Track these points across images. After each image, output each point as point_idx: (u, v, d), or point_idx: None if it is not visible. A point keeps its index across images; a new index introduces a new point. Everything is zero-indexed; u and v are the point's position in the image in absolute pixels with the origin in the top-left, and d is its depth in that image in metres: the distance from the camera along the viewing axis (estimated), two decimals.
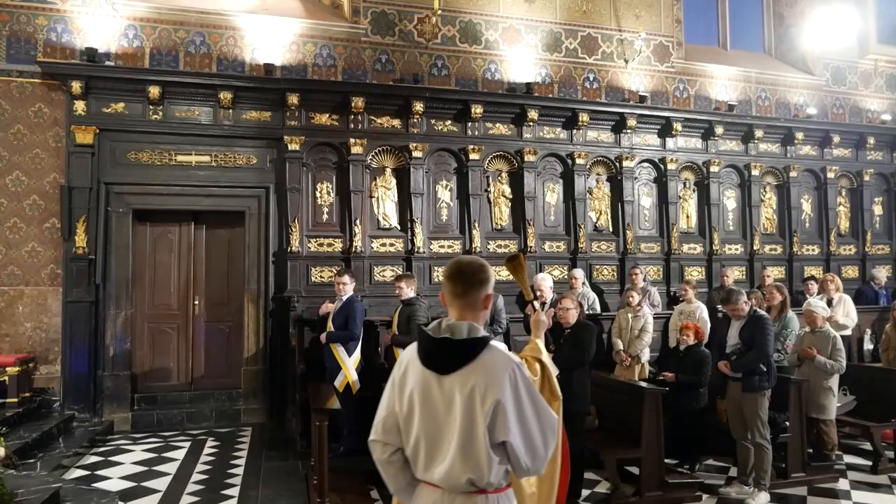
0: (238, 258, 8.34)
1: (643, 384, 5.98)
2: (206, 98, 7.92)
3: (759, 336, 5.35)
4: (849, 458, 6.55)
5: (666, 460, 5.57)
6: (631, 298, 7.36)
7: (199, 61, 8.15)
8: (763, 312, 5.70)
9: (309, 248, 8.28)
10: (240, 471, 6.06)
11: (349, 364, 6.26)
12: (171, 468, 6.12)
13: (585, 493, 5.47)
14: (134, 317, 7.91)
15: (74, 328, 7.46)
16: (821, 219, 10.91)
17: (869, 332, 8.89)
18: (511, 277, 3.59)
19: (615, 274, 9.51)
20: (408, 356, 2.19)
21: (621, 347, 7.22)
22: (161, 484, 5.67)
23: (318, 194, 8.40)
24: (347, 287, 6.51)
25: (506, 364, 2.06)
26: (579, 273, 8.36)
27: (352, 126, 8.42)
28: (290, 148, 8.13)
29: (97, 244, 7.59)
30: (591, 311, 8.02)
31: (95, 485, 5.58)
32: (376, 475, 2.24)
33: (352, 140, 8.33)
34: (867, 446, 6.56)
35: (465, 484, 2.03)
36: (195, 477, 5.87)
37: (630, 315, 7.30)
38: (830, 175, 10.84)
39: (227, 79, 7.94)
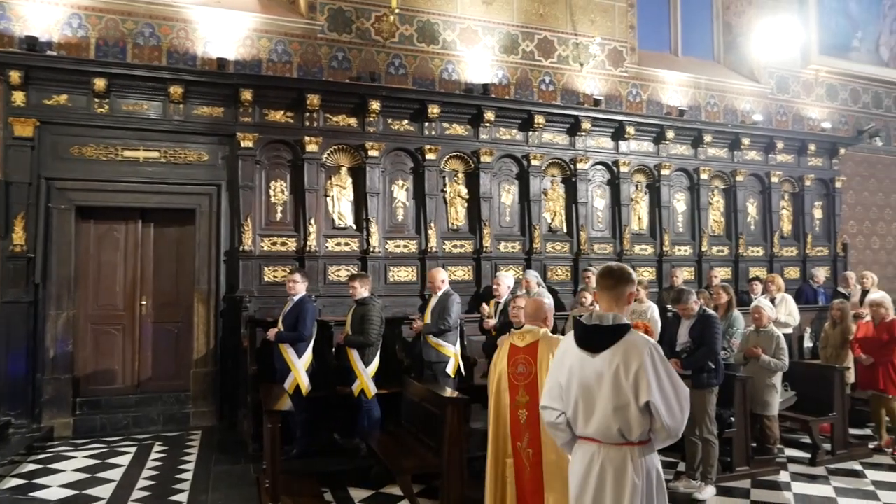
0: (188, 257, 8.12)
1: None
2: (156, 92, 7.69)
3: (708, 334, 5.51)
4: (790, 452, 6.80)
5: None
6: (584, 299, 7.46)
7: (149, 54, 7.91)
8: (712, 312, 5.87)
9: (262, 247, 8.13)
10: (188, 475, 5.90)
11: (299, 365, 6.17)
12: (115, 475, 5.91)
13: None
14: (76, 318, 7.62)
15: (11, 330, 7.12)
16: (765, 221, 11.26)
17: (809, 330, 9.22)
18: (466, 278, 3.69)
19: (569, 274, 9.62)
20: (567, 340, 2.90)
21: None
22: (104, 491, 5.47)
23: (271, 192, 8.26)
24: (298, 286, 6.41)
25: (644, 343, 2.70)
26: (532, 275, 8.42)
27: (307, 124, 8.30)
28: (243, 145, 7.96)
29: (37, 242, 7.27)
30: None
31: (33, 494, 5.37)
32: (330, 476, 2.26)
33: (307, 138, 8.21)
34: (806, 439, 6.82)
35: (617, 435, 2.67)
36: (141, 483, 5.69)
37: (583, 314, 7.37)
38: (774, 179, 11.20)
39: (177, 72, 7.72)
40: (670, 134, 10.23)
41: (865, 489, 5.68)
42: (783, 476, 6.08)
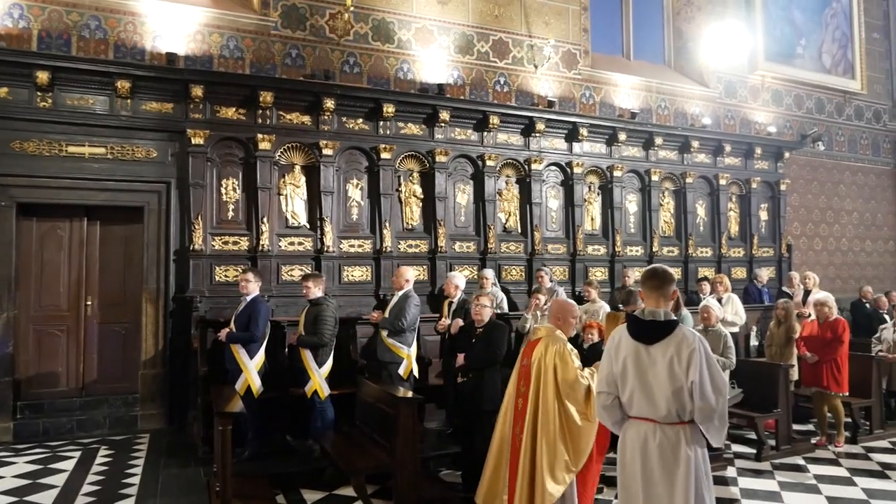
0: (136, 256, 7.92)
1: None
2: (102, 86, 7.47)
3: None
4: (736, 447, 6.99)
5: None
6: (537, 300, 7.53)
7: (95, 47, 7.68)
8: None
9: (213, 246, 7.97)
10: (136, 480, 5.75)
11: (250, 367, 6.08)
12: (58, 480, 5.73)
13: None
14: (17, 319, 7.34)
15: None
16: (714, 223, 11.56)
17: (755, 328, 9.50)
18: (421, 277, 3.69)
19: (523, 274, 9.71)
20: (618, 334, 3.29)
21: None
22: (47, 498, 5.29)
23: (223, 190, 8.11)
24: (251, 286, 6.32)
25: (693, 335, 3.13)
26: (489, 273, 8.49)
27: (260, 121, 8.18)
28: (193, 142, 7.79)
29: None
30: (499, 311, 8.15)
31: None
32: (282, 478, 2.24)
33: (260, 135, 8.09)
34: (752, 435, 7.02)
35: (673, 416, 3.08)
36: (85, 489, 5.52)
37: (538, 314, 7.46)
38: (722, 182, 11.51)
39: (124, 67, 7.51)
40: (622, 136, 10.41)
41: (808, 483, 5.88)
42: (730, 471, 6.25)
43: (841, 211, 13.66)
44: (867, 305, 10.50)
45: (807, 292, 9.42)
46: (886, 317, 9.47)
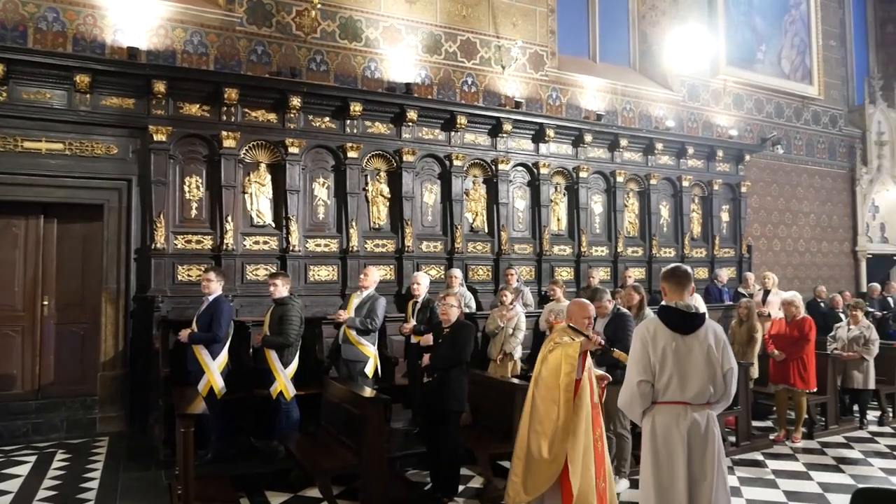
0: (95, 255, 7.73)
1: (515, 381, 6.16)
2: (60, 80, 7.27)
3: (621, 332, 5.69)
4: None
5: None
6: (504, 297, 7.58)
7: (52, 40, 7.48)
8: (625, 310, 6.07)
9: (175, 244, 7.83)
10: (94, 484, 5.61)
11: (213, 367, 5.98)
12: (12, 486, 5.55)
13: (460, 488, 5.55)
14: None
15: None
16: (677, 224, 11.75)
17: None
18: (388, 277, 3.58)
19: (490, 274, 9.74)
20: (652, 326, 3.57)
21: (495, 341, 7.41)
22: None
23: (186, 188, 7.97)
24: (213, 285, 6.21)
25: (720, 326, 3.61)
26: (458, 273, 8.52)
27: (224, 118, 8.05)
28: (155, 138, 7.64)
29: None
30: (467, 310, 8.18)
31: None
32: (247, 480, 2.21)
33: (224, 133, 7.97)
34: None
35: (704, 398, 3.45)
36: (41, 494, 5.37)
37: (504, 313, 7.50)
38: (685, 183, 11.71)
39: (84, 61, 7.32)
40: (588, 137, 10.52)
41: (766, 478, 6.02)
42: None
43: (798, 213, 14.02)
44: (822, 305, 10.80)
45: (766, 292, 9.65)
46: (842, 315, 9.75)
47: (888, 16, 16.44)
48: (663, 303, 3.75)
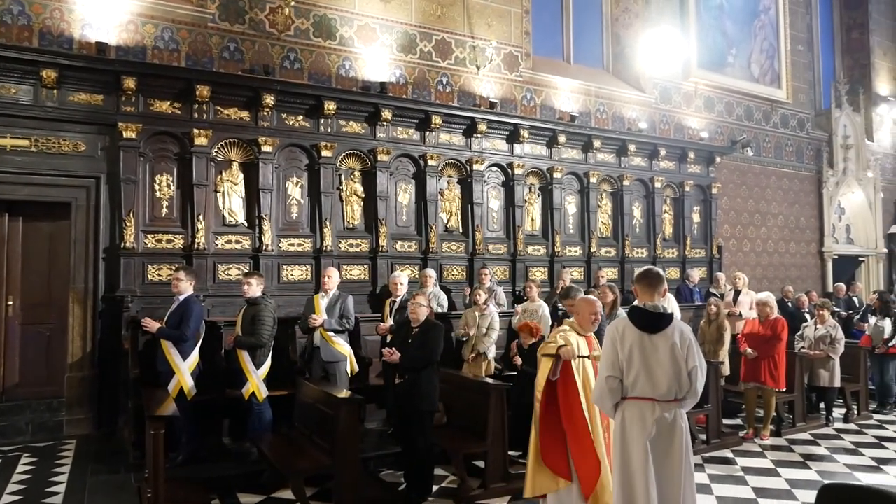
0: (62, 254, 7.57)
1: (489, 380, 6.18)
2: (26, 75, 7.10)
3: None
4: None
5: (510, 452, 5.78)
6: (478, 297, 7.59)
7: (17, 34, 7.31)
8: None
9: (146, 244, 7.70)
10: (61, 488, 5.49)
11: (183, 368, 5.91)
12: None
13: (434, 488, 5.55)
14: None
15: None
16: (649, 224, 11.87)
17: None
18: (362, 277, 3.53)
19: (464, 274, 9.75)
20: (621, 325, 3.73)
21: (469, 339, 7.42)
22: None
23: (156, 187, 7.84)
24: (182, 285, 6.13)
25: (688, 327, 3.75)
26: (432, 272, 8.51)
27: (196, 116, 7.94)
28: (125, 135, 7.50)
29: None
30: (441, 310, 8.18)
31: None
32: (218, 482, 2.18)
33: (196, 130, 7.86)
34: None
35: (672, 394, 3.60)
36: (6, 498, 5.24)
37: (477, 313, 7.51)
38: (657, 185, 11.84)
39: (50, 55, 7.15)
40: (562, 138, 10.58)
41: (736, 475, 6.11)
42: None
43: (767, 214, 14.27)
44: (789, 304, 11.00)
45: (737, 292, 9.80)
46: (808, 315, 9.94)
47: (854, 22, 16.82)
48: (634, 303, 3.91)
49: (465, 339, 7.48)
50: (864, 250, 16.01)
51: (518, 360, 6.56)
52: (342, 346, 6.64)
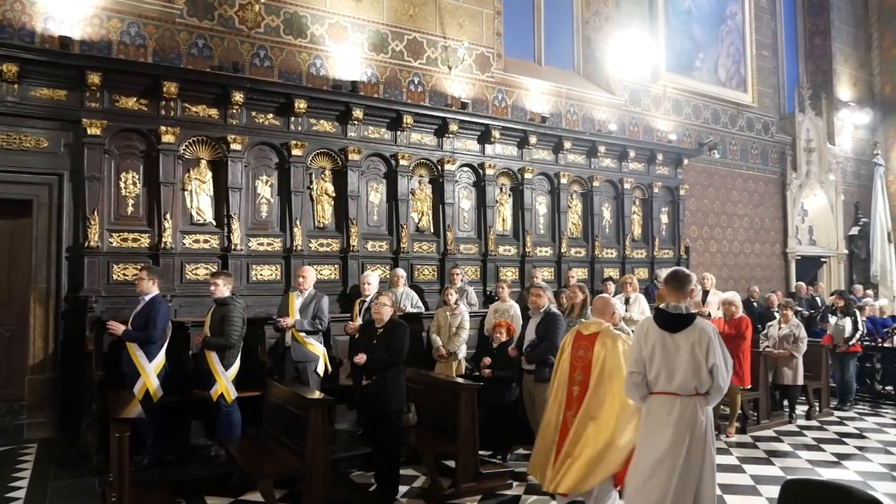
0: (23, 253, 7.38)
1: (460, 380, 6.19)
2: None
3: (551, 330, 5.85)
4: None
5: (480, 452, 5.79)
6: (448, 297, 7.60)
7: None
8: (557, 311, 6.16)
9: (110, 243, 7.55)
10: (21, 493, 5.35)
11: (148, 369, 5.80)
12: None
13: (403, 489, 5.54)
14: None
15: None
16: (618, 225, 12.00)
17: None
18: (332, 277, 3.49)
19: (436, 274, 9.74)
20: (646, 325, 4.05)
21: (440, 344, 7.41)
22: None
23: (122, 184, 7.68)
24: (145, 284, 6.03)
25: (710, 326, 3.97)
26: (402, 272, 8.49)
27: (163, 113, 7.80)
28: (89, 132, 7.34)
29: None
30: (416, 310, 8.17)
31: None
32: (185, 485, 2.14)
33: (163, 128, 7.72)
34: None
35: (692, 389, 3.85)
36: None
37: (448, 313, 7.52)
38: (627, 186, 11.97)
39: (11, 49, 6.95)
40: (533, 139, 10.64)
41: None
42: None
43: (734, 215, 14.53)
44: (755, 304, 11.22)
45: (705, 292, 9.94)
46: (776, 314, 10.15)
47: (817, 28, 17.22)
48: (660, 305, 4.16)
49: (437, 346, 7.44)
50: (826, 251, 16.40)
51: (487, 372, 6.53)
52: (314, 346, 6.58)
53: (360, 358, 5.30)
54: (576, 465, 4.54)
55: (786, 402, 8.54)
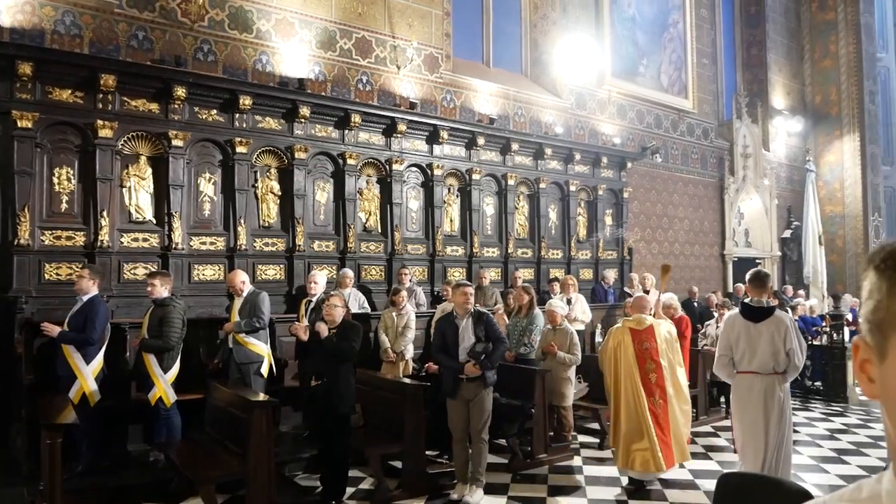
0: None
1: (406, 381, 6.17)
2: None
3: (493, 330, 5.40)
4: (582, 438, 7.41)
5: (427, 452, 5.79)
6: (400, 298, 7.57)
7: None
8: (483, 309, 5.89)
9: (42, 241, 7.23)
10: None
11: (86, 372, 5.59)
12: None
13: (350, 490, 5.49)
14: None
15: None
16: (564, 226, 12.19)
17: (600, 326, 10.14)
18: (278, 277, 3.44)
19: (383, 274, 9.70)
20: (733, 316, 5.11)
21: (388, 346, 7.38)
22: None
23: (55, 180, 7.37)
24: (86, 283, 5.81)
25: (787, 316, 5.02)
26: (350, 273, 8.42)
27: (100, 106, 7.52)
28: (19, 125, 7.01)
29: None
30: (362, 311, 8.11)
31: None
32: (122, 492, 2.06)
33: (100, 122, 7.44)
34: (595, 425, 7.47)
35: (771, 368, 4.86)
36: None
37: (394, 313, 7.49)
38: (572, 188, 12.17)
39: None
40: (481, 140, 10.70)
41: None
42: (576, 461, 6.62)
43: (674, 218, 14.94)
44: (695, 304, 11.56)
45: (645, 292, 10.19)
46: (714, 313, 10.48)
47: (753, 39, 17.87)
48: (745, 300, 5.21)
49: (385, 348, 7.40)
50: (761, 253, 17.03)
51: (433, 368, 6.52)
52: (257, 346, 6.39)
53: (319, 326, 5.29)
54: (671, 442, 5.64)
55: (722, 399, 8.81)
